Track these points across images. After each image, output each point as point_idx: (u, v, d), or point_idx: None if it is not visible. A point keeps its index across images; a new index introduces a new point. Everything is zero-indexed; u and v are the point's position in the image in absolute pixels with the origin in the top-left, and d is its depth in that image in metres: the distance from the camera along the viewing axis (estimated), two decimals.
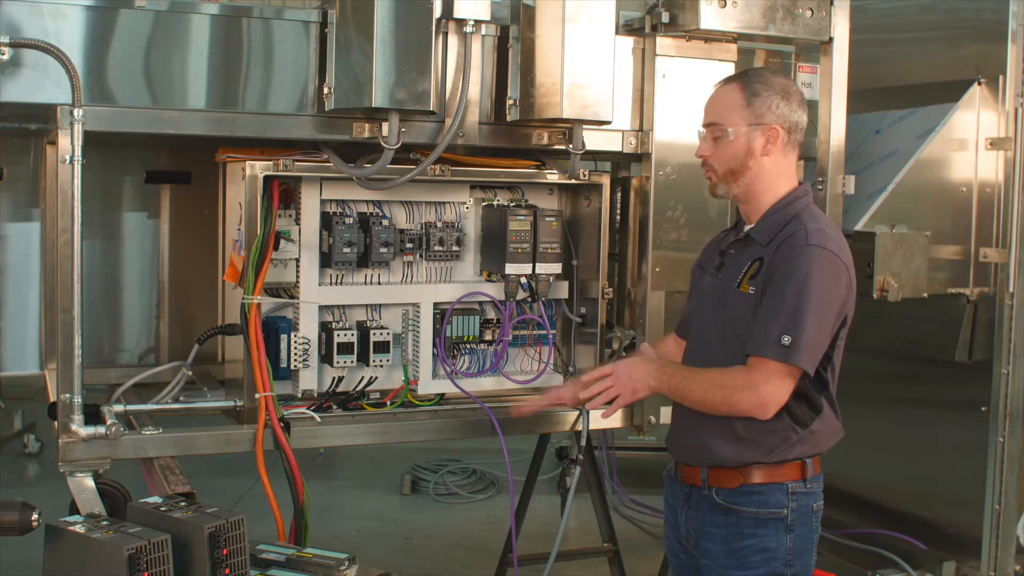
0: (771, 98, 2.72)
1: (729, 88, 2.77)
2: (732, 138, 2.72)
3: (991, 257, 3.85)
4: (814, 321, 2.57)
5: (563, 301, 3.57)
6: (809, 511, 2.74)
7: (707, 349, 2.80)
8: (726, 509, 2.74)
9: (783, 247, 2.65)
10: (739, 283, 2.71)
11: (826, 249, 2.62)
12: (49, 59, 2.76)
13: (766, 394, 2.59)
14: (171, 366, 3.53)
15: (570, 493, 3.50)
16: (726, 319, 2.73)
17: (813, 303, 2.57)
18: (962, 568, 3.98)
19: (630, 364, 2.80)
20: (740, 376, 2.62)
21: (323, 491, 6.18)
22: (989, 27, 3.90)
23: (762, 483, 2.71)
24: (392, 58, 2.92)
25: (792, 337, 2.55)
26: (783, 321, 2.57)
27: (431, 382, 3.39)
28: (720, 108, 2.77)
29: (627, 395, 2.77)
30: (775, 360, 2.57)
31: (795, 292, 2.58)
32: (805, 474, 2.73)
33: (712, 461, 2.75)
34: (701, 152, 2.80)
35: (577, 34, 3.10)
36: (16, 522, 2.59)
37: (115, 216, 3.80)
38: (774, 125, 2.72)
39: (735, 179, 2.75)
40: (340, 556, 2.70)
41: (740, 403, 2.61)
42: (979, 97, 3.89)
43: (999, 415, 3.83)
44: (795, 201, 2.75)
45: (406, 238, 3.31)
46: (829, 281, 2.61)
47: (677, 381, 2.72)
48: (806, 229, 2.65)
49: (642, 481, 6.33)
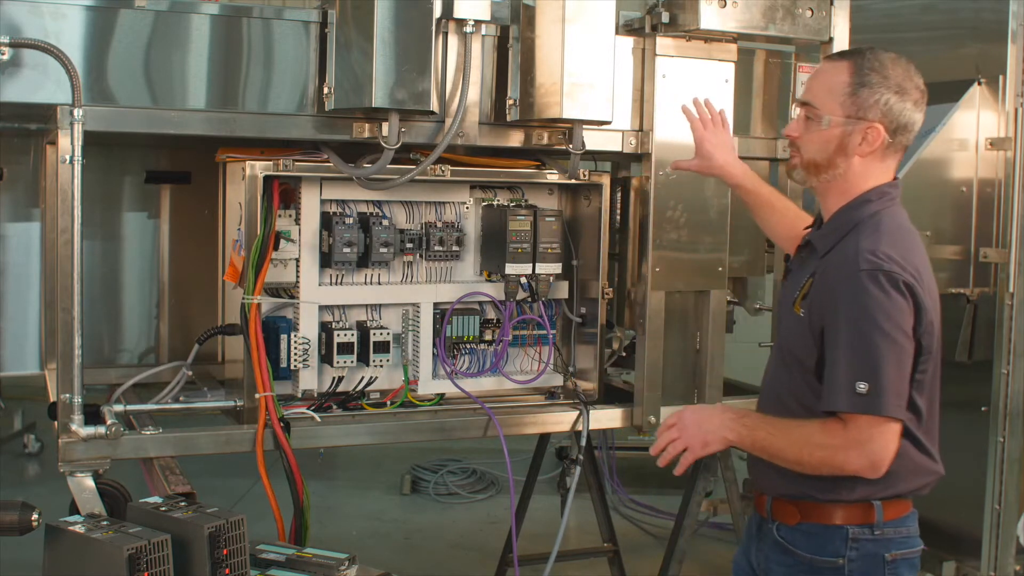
0: (882, 92, 2.34)
1: (837, 67, 2.39)
2: (825, 127, 2.38)
3: (991, 257, 3.85)
4: (887, 359, 2.23)
5: (563, 301, 3.57)
6: (880, 562, 2.38)
7: (774, 366, 2.56)
8: (784, 548, 2.46)
9: (832, 269, 2.33)
10: (794, 301, 2.42)
11: (881, 271, 2.25)
12: (49, 59, 2.76)
13: (874, 452, 2.25)
14: (171, 366, 3.53)
15: (570, 493, 3.51)
16: (784, 338, 2.50)
17: (880, 340, 2.23)
18: (962, 568, 3.98)
19: (700, 414, 2.45)
20: (839, 434, 2.26)
21: (323, 491, 6.17)
22: (989, 27, 3.90)
23: (821, 523, 2.40)
24: (392, 58, 2.92)
25: (869, 384, 2.22)
26: (855, 365, 2.24)
27: (431, 382, 3.39)
28: (820, 88, 2.41)
29: (697, 449, 2.42)
30: (863, 414, 2.24)
31: (856, 330, 2.25)
32: (871, 518, 2.37)
33: (773, 491, 2.48)
34: (790, 131, 2.47)
35: (577, 34, 3.10)
36: (16, 522, 2.59)
37: (115, 216, 3.80)
38: (876, 123, 2.35)
39: (817, 172, 2.43)
40: (340, 556, 2.70)
41: (846, 464, 2.27)
42: (979, 97, 3.89)
43: (999, 415, 3.83)
44: (864, 205, 2.39)
45: (406, 238, 3.31)
46: (891, 308, 2.24)
47: (762, 437, 2.35)
48: (858, 247, 2.30)
49: (642, 481, 6.34)
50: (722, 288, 3.54)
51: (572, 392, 3.53)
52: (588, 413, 3.42)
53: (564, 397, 3.55)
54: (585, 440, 3.42)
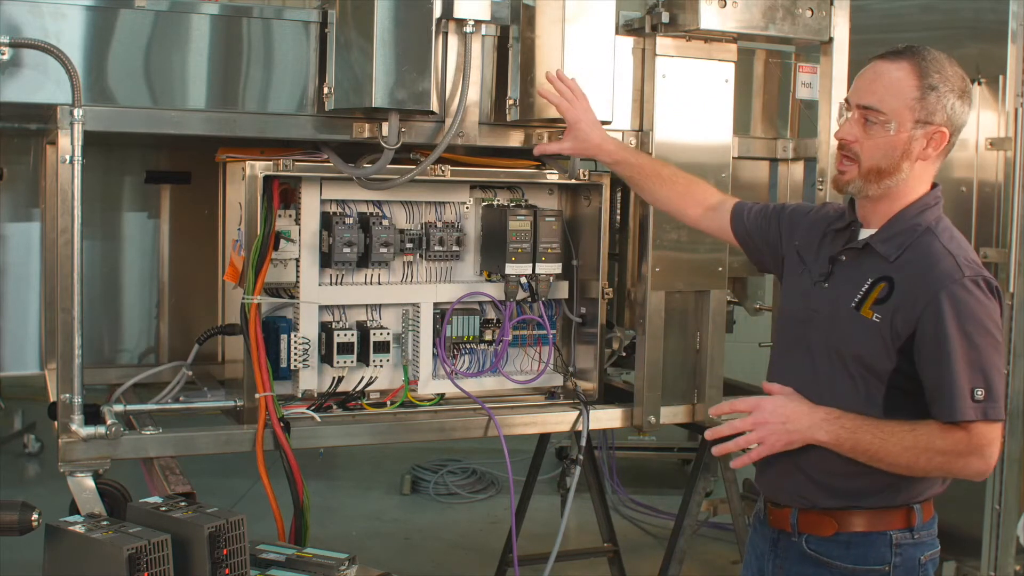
0: (948, 96, 2.29)
1: (901, 69, 2.30)
2: (893, 132, 2.29)
3: (991, 257, 3.85)
4: (995, 365, 2.24)
5: (563, 301, 3.57)
6: (915, 566, 2.36)
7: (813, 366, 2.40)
8: (817, 561, 2.37)
9: (924, 275, 2.27)
10: (858, 305, 2.31)
11: (981, 277, 2.26)
12: (49, 59, 2.76)
13: (992, 456, 2.25)
14: (171, 366, 3.53)
15: (570, 493, 3.51)
16: (841, 341, 2.34)
17: (989, 345, 2.23)
18: (962, 568, 3.98)
19: (787, 409, 2.30)
20: (963, 441, 2.22)
21: (323, 491, 6.18)
22: (989, 27, 3.90)
23: (862, 532, 2.34)
24: (392, 58, 2.92)
25: (984, 389, 2.21)
26: (969, 373, 2.21)
27: (431, 382, 3.39)
28: (886, 92, 2.30)
29: (777, 446, 2.29)
30: (984, 421, 2.21)
31: (968, 337, 2.21)
32: (912, 522, 2.35)
33: (801, 503, 2.39)
34: (845, 135, 2.35)
35: (577, 34, 3.10)
36: (16, 522, 2.59)
37: (115, 216, 3.80)
38: (943, 128, 2.30)
39: (879, 179, 2.33)
40: (340, 556, 2.70)
41: (966, 469, 2.25)
42: (979, 97, 3.89)
43: None
44: (926, 210, 2.36)
45: (406, 238, 3.31)
46: (995, 313, 2.26)
47: (868, 440, 2.24)
48: (953, 257, 2.27)
49: (642, 481, 6.35)
50: (722, 288, 3.55)
51: (572, 392, 3.53)
52: (588, 413, 3.42)
53: (564, 397, 3.55)
54: (585, 440, 3.42)
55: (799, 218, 2.61)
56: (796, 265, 2.54)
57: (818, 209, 2.62)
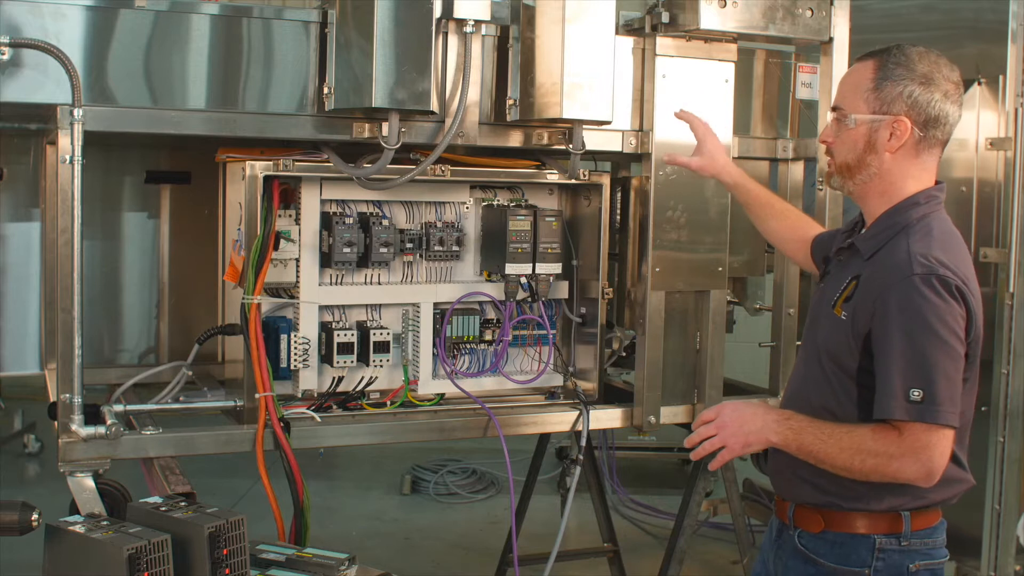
0: (906, 84, 2.30)
1: (862, 66, 2.38)
2: (852, 126, 2.35)
3: (991, 257, 3.85)
4: (942, 367, 2.19)
5: (563, 301, 3.57)
6: (902, 573, 2.36)
7: (805, 366, 2.49)
8: (805, 557, 2.42)
9: (880, 272, 2.29)
10: (834, 303, 2.37)
11: (935, 275, 2.21)
12: (49, 59, 2.76)
13: (930, 460, 2.20)
14: (171, 366, 3.53)
15: (570, 493, 3.51)
16: (819, 339, 2.41)
17: (934, 346, 2.19)
18: (962, 568, 3.97)
19: (742, 412, 2.37)
20: (894, 442, 2.21)
21: (323, 491, 6.18)
22: (989, 27, 3.90)
23: (846, 532, 2.36)
24: (392, 58, 2.92)
25: (923, 391, 2.18)
26: (909, 372, 2.19)
27: (431, 382, 3.40)
28: (846, 89, 2.41)
29: (736, 448, 2.35)
30: (918, 421, 2.18)
31: (910, 335, 2.20)
32: (899, 528, 2.34)
33: (796, 498, 2.44)
34: (824, 137, 2.46)
35: (577, 34, 3.10)
36: (16, 522, 2.59)
37: (115, 216, 3.80)
38: (902, 117, 2.31)
39: (850, 175, 2.39)
40: (340, 556, 2.70)
41: (900, 472, 2.22)
42: (979, 97, 3.89)
43: (999, 415, 3.82)
44: (912, 208, 2.35)
45: (406, 238, 3.31)
46: (946, 313, 2.20)
47: (810, 441, 2.27)
48: (910, 251, 2.26)
49: (642, 481, 6.34)
50: (722, 288, 3.55)
51: (572, 392, 3.53)
52: (588, 413, 3.42)
53: (564, 397, 3.55)
54: (585, 440, 3.42)
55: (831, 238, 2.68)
56: (823, 269, 2.62)
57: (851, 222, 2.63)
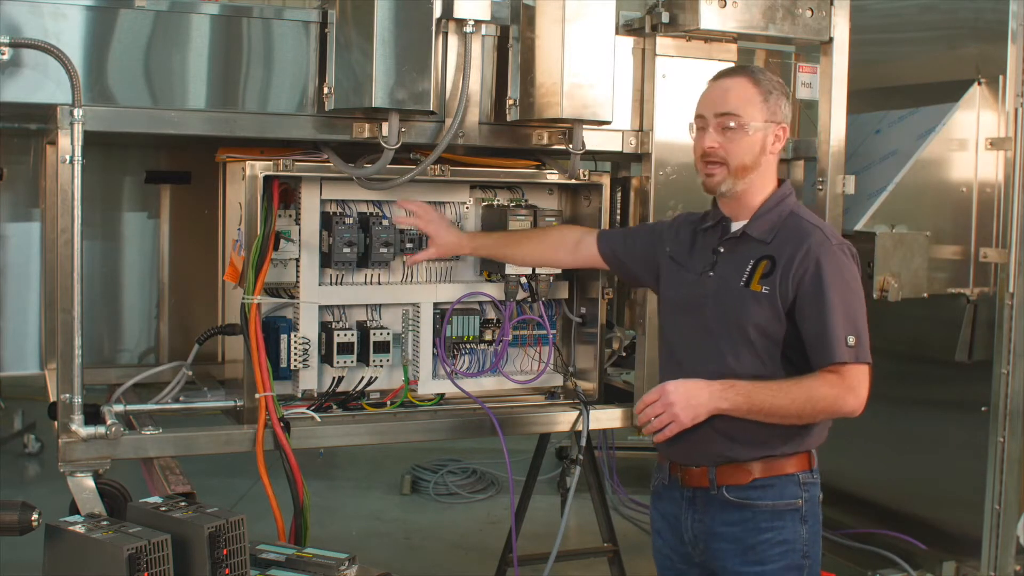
0: (780, 98, 2.77)
1: (742, 81, 2.76)
2: (751, 132, 2.72)
3: (991, 257, 3.85)
4: (863, 316, 2.67)
5: (563, 301, 3.58)
6: (816, 502, 2.77)
7: (714, 347, 2.74)
8: (739, 505, 2.72)
9: (803, 247, 2.68)
10: (747, 282, 2.71)
11: (846, 246, 2.73)
12: (49, 59, 2.76)
13: (862, 396, 2.64)
14: (171, 366, 3.53)
15: (570, 493, 3.51)
16: (740, 318, 2.70)
17: (857, 300, 2.67)
18: (962, 568, 3.97)
19: (687, 387, 2.66)
20: (838, 383, 2.62)
21: (323, 491, 6.18)
22: (989, 27, 3.90)
23: (775, 476, 2.72)
24: (392, 58, 2.92)
25: (855, 336, 2.62)
26: (843, 323, 2.62)
27: (431, 382, 3.40)
28: (738, 100, 2.73)
29: (686, 422, 2.64)
30: (854, 363, 2.62)
31: (841, 293, 2.64)
32: (812, 464, 2.77)
33: (718, 460, 2.73)
34: (711, 144, 2.73)
35: (577, 34, 3.10)
36: (16, 522, 2.58)
37: (115, 216, 3.80)
38: (784, 124, 2.77)
39: (745, 175, 2.74)
40: (340, 556, 2.70)
41: (843, 407, 2.63)
42: (979, 97, 3.89)
43: (999, 415, 3.82)
44: (786, 198, 2.80)
45: (406, 238, 3.31)
46: (858, 274, 2.73)
47: (761, 399, 2.62)
48: (822, 229, 2.73)
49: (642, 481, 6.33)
50: None
51: (572, 392, 3.53)
52: (588, 413, 3.42)
53: (564, 397, 3.55)
54: (585, 440, 3.42)
55: (661, 230, 3.02)
56: (672, 267, 2.91)
57: (676, 219, 3.03)
